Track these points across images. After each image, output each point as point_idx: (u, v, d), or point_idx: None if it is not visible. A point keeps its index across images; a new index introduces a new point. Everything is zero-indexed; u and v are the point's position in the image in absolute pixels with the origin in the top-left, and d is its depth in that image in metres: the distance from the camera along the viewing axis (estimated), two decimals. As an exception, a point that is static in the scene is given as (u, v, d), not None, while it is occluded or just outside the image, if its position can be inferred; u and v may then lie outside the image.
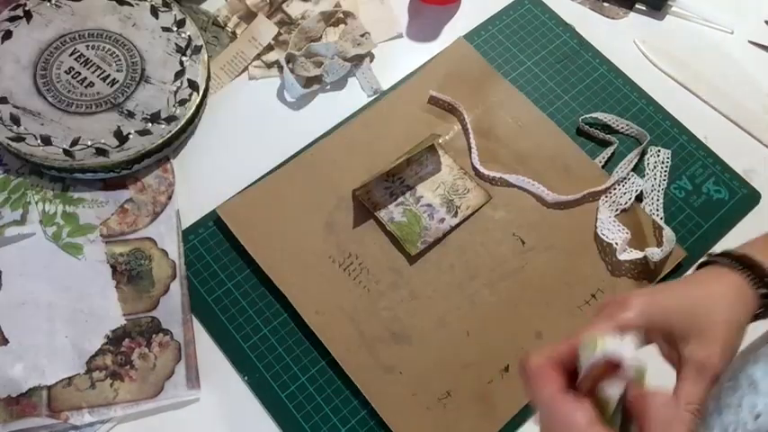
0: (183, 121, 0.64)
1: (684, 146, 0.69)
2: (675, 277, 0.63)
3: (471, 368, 0.58)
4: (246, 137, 0.68)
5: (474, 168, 0.66)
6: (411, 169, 0.65)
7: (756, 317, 0.44)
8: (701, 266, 0.46)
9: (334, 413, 0.57)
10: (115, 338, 0.58)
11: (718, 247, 0.65)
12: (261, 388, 0.57)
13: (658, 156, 0.68)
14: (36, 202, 0.62)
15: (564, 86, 0.72)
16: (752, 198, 0.68)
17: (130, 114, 0.64)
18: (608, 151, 0.68)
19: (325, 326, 0.58)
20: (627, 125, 0.69)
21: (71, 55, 0.66)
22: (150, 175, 0.65)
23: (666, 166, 0.67)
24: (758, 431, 0.40)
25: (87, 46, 0.66)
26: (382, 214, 0.63)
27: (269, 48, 0.72)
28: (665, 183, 0.67)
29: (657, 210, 0.65)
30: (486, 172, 0.66)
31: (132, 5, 0.68)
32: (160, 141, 0.63)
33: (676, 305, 0.43)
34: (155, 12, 0.68)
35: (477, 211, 0.64)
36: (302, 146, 0.67)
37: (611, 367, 0.39)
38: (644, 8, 0.78)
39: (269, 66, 0.72)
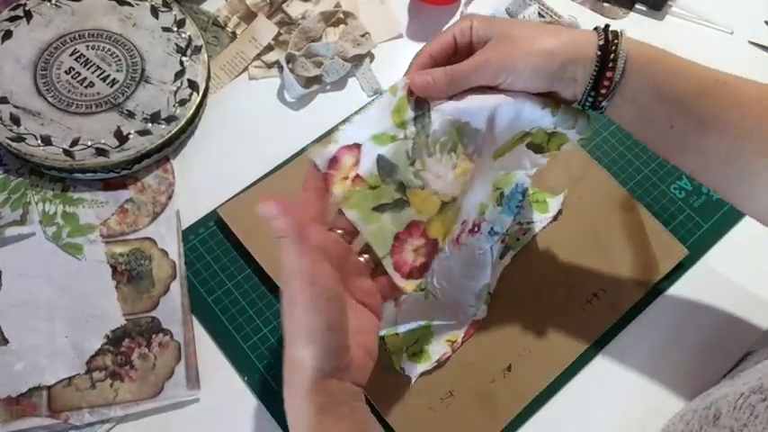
0: (183, 121, 0.64)
1: (685, 146, 0.69)
2: (677, 277, 0.63)
3: (473, 368, 0.58)
4: (246, 137, 0.68)
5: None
6: (411, 169, 0.65)
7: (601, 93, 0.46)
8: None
9: (334, 413, 0.57)
10: (115, 338, 0.58)
11: (718, 249, 0.65)
12: (261, 388, 0.57)
13: None
14: (36, 202, 0.62)
15: (564, 86, 0.72)
16: (752, 198, 0.68)
17: (130, 114, 0.64)
18: None
19: (326, 326, 0.58)
20: None
21: (71, 55, 0.65)
22: (150, 175, 0.65)
23: None
24: None
25: (87, 46, 0.66)
26: (383, 214, 0.63)
27: (269, 48, 0.72)
28: None
29: None
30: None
31: (132, 5, 0.68)
32: (160, 141, 0.63)
33: (503, 25, 0.46)
34: (155, 12, 0.68)
35: (477, 210, 0.64)
36: (302, 146, 0.67)
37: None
38: (644, 8, 0.78)
39: (269, 66, 0.72)
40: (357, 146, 0.44)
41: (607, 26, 0.46)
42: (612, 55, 0.44)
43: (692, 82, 0.45)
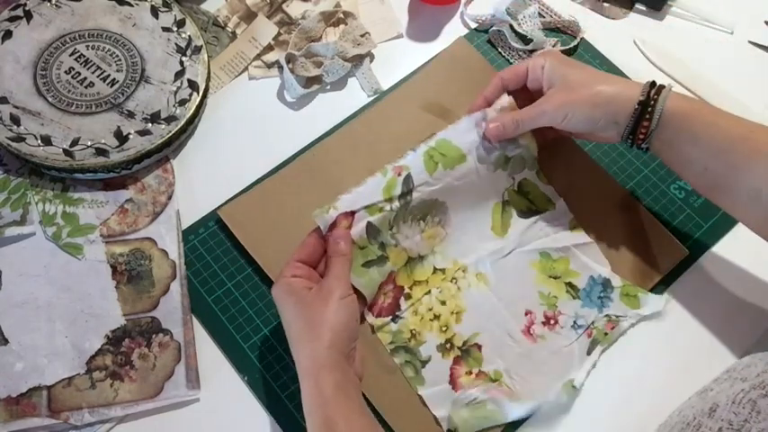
0: (183, 121, 0.64)
1: (685, 146, 0.69)
2: (677, 277, 0.63)
3: (472, 368, 0.58)
4: (246, 137, 0.68)
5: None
6: (411, 169, 0.65)
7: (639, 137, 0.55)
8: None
9: (334, 413, 0.57)
10: (115, 338, 0.58)
11: (718, 249, 0.65)
12: (261, 388, 0.57)
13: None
14: (36, 202, 0.62)
15: (564, 86, 0.72)
16: (752, 198, 0.67)
17: (130, 114, 0.64)
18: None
19: (326, 326, 0.59)
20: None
21: (71, 55, 0.65)
22: (150, 175, 0.65)
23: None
24: None
25: (87, 46, 0.66)
26: (382, 214, 0.63)
27: (269, 48, 0.72)
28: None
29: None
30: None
31: (132, 5, 0.68)
32: (160, 141, 0.63)
33: (566, 71, 0.56)
34: (155, 12, 0.69)
35: (477, 210, 0.65)
36: (302, 146, 0.67)
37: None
38: (644, 8, 0.78)
39: (269, 66, 0.72)
40: (352, 213, 0.54)
41: (653, 82, 0.55)
42: (650, 109, 0.53)
43: (724, 133, 0.52)
